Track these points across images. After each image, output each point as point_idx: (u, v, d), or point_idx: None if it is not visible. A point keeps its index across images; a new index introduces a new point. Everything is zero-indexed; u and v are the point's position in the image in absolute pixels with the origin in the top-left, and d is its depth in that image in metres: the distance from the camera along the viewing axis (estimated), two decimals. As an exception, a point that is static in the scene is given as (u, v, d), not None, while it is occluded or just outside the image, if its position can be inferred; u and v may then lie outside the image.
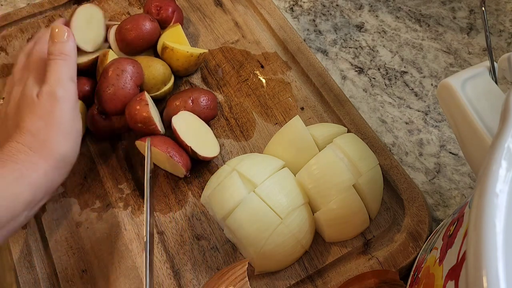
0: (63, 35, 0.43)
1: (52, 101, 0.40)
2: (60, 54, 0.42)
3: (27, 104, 0.40)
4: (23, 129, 0.39)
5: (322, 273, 0.40)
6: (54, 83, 0.40)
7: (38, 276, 0.41)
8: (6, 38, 0.57)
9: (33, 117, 0.39)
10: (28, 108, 0.40)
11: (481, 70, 0.32)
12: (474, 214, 0.18)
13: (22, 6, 0.61)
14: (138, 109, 0.43)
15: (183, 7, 0.58)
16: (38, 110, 0.39)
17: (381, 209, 0.43)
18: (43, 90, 0.40)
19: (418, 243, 0.40)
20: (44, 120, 0.39)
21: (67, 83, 0.41)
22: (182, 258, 0.42)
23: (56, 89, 0.40)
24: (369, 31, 0.58)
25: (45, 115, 0.39)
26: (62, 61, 0.42)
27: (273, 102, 0.50)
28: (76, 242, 0.43)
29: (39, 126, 0.39)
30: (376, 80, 0.54)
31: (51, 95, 0.40)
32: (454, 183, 0.46)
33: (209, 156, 0.45)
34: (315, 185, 0.39)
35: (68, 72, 0.42)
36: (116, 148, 0.48)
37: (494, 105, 0.30)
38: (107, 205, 0.45)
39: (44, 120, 0.39)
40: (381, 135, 0.50)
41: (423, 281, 0.29)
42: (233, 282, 0.34)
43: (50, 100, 0.40)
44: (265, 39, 0.55)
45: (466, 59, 0.55)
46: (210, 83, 0.52)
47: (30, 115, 0.39)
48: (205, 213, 0.44)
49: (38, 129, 0.39)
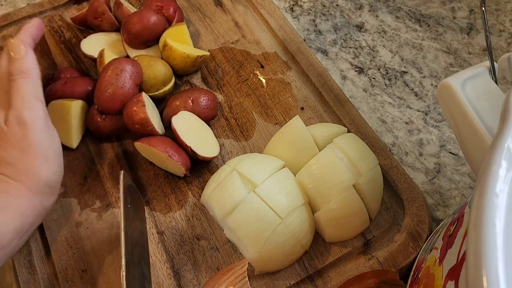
0: (19, 50, 0.40)
1: (21, 127, 0.38)
2: (20, 72, 0.39)
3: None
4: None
5: (322, 273, 0.40)
6: (19, 106, 0.38)
7: (38, 276, 0.41)
8: (6, 38, 0.57)
9: (6, 146, 0.37)
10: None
11: (481, 70, 0.32)
12: (474, 214, 0.18)
13: (22, 6, 0.61)
14: (135, 110, 0.43)
15: (183, 7, 0.58)
16: (9, 138, 0.37)
17: (381, 209, 0.43)
18: (10, 116, 0.38)
19: (418, 243, 0.40)
20: (17, 148, 0.37)
21: (33, 103, 0.39)
22: (182, 258, 0.42)
23: (23, 113, 0.38)
24: (369, 31, 0.58)
25: (18, 143, 0.37)
26: (22, 80, 0.39)
27: (273, 102, 0.50)
28: (76, 242, 0.43)
29: (15, 155, 0.37)
30: (376, 80, 0.54)
31: (19, 120, 0.37)
32: (454, 183, 0.46)
33: (209, 156, 0.45)
34: (315, 185, 0.39)
35: (31, 91, 0.39)
36: (116, 148, 0.48)
37: (494, 105, 0.30)
38: (107, 205, 0.45)
39: (17, 148, 0.37)
40: (381, 135, 0.50)
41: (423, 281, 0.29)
42: (233, 282, 0.34)
43: (20, 126, 0.37)
44: (265, 39, 0.55)
45: (466, 59, 0.55)
46: (210, 83, 0.52)
47: (3, 145, 0.37)
48: (205, 213, 0.44)
49: (14, 158, 0.37)
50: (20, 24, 0.57)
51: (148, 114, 0.43)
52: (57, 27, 0.57)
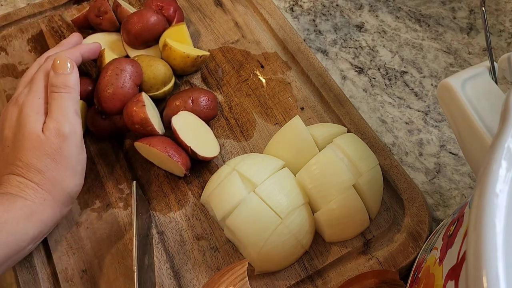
0: (66, 67, 0.42)
1: (60, 139, 0.39)
2: (65, 87, 0.41)
3: (31, 140, 0.38)
4: (29, 165, 0.38)
5: (322, 273, 0.40)
6: (60, 118, 0.39)
7: (38, 276, 0.41)
8: (6, 38, 0.57)
9: (40, 155, 0.38)
10: (32, 144, 0.38)
11: (481, 70, 0.32)
12: (474, 214, 0.18)
13: (22, 6, 0.61)
14: (135, 110, 0.43)
15: (183, 7, 0.58)
16: (45, 147, 0.38)
17: (381, 209, 0.43)
18: (49, 126, 0.39)
19: (418, 243, 0.40)
20: (51, 158, 0.38)
21: (72, 117, 0.40)
22: (182, 258, 0.42)
23: (63, 125, 0.39)
24: (369, 31, 0.58)
25: (53, 153, 0.38)
26: (67, 94, 0.40)
27: (273, 102, 0.50)
28: (76, 242, 0.43)
29: (47, 164, 0.38)
30: (376, 80, 0.54)
31: (58, 132, 0.39)
32: (454, 183, 0.46)
33: (209, 156, 0.45)
34: (315, 185, 0.39)
35: (72, 106, 0.41)
36: (116, 148, 0.48)
37: (494, 105, 0.30)
38: (107, 205, 0.45)
39: (51, 158, 0.38)
40: (381, 135, 0.50)
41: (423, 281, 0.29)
42: (233, 282, 0.34)
43: (58, 137, 0.39)
44: (265, 39, 0.55)
45: (466, 59, 0.55)
46: (210, 83, 0.52)
47: (36, 152, 0.38)
48: (205, 213, 0.44)
49: (46, 167, 0.38)
50: (20, 24, 0.57)
51: (148, 114, 0.43)
52: (57, 27, 0.57)
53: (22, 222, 0.36)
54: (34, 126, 0.39)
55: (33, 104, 0.40)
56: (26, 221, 0.37)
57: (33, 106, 0.40)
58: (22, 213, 0.36)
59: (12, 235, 0.36)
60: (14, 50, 0.56)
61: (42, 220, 0.38)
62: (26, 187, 0.38)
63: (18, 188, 0.38)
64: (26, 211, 0.37)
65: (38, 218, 0.38)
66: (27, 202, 0.37)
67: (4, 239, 0.35)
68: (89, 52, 0.47)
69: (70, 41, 0.49)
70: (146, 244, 0.41)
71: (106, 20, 0.52)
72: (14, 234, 0.36)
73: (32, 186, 0.38)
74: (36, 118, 0.39)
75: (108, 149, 0.48)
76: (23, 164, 0.38)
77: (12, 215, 0.36)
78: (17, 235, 0.36)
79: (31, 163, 0.38)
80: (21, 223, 0.36)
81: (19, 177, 0.38)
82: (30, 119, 0.39)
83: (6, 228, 0.35)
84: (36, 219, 0.38)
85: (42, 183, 0.38)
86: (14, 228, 0.36)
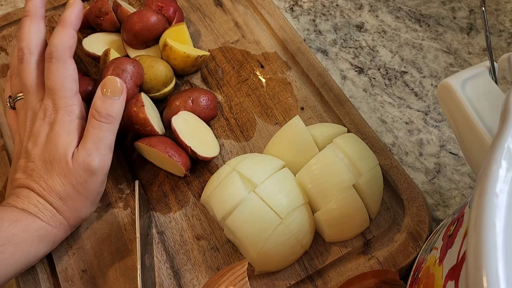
0: (116, 92, 0.39)
1: (86, 173, 0.38)
2: (107, 117, 0.38)
3: (59, 164, 0.38)
4: (52, 189, 0.38)
5: (322, 273, 0.40)
6: (92, 152, 0.38)
7: (38, 276, 0.41)
8: (6, 38, 0.57)
9: (65, 182, 0.38)
10: (60, 169, 0.38)
11: (481, 70, 0.32)
12: (474, 214, 0.18)
13: (22, 6, 0.61)
14: (134, 110, 0.43)
15: (183, 7, 0.58)
16: (71, 177, 0.38)
17: (381, 209, 0.43)
18: (80, 158, 0.38)
19: (418, 243, 0.40)
20: (75, 189, 0.38)
21: (104, 153, 0.39)
22: (182, 258, 0.42)
23: (93, 160, 0.38)
24: (369, 31, 0.58)
25: (77, 185, 0.38)
26: (107, 125, 0.39)
27: (273, 102, 0.50)
28: (76, 242, 0.43)
29: (70, 193, 0.38)
30: (376, 80, 0.54)
31: (87, 167, 0.38)
32: (454, 183, 0.46)
33: (209, 157, 0.45)
34: (315, 185, 0.39)
35: (108, 140, 0.39)
36: (116, 148, 0.48)
37: (494, 105, 0.30)
38: (107, 205, 0.45)
39: (75, 188, 0.38)
40: (381, 135, 0.50)
41: (423, 281, 0.29)
42: (233, 282, 0.34)
43: (85, 171, 0.38)
44: (265, 39, 0.55)
45: (466, 59, 0.55)
46: (210, 83, 0.52)
47: (62, 179, 0.38)
48: (205, 213, 0.44)
49: (68, 195, 0.38)
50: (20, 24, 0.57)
51: (148, 114, 0.43)
52: (57, 27, 0.57)
53: (36, 242, 0.37)
54: (65, 151, 0.38)
55: (64, 124, 0.39)
56: (39, 242, 0.37)
57: (64, 126, 0.39)
58: (37, 234, 0.37)
59: (26, 255, 0.36)
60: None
61: (54, 241, 0.39)
62: (45, 209, 0.38)
63: (36, 208, 0.37)
64: (41, 232, 0.37)
65: (51, 240, 0.38)
66: (43, 224, 0.37)
67: (18, 258, 0.35)
68: (78, 21, 0.43)
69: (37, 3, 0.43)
70: (146, 244, 0.41)
71: (106, 20, 0.52)
72: (27, 254, 0.36)
73: (50, 210, 0.38)
74: (67, 141, 0.38)
75: (108, 149, 0.48)
76: (46, 186, 0.38)
77: (28, 236, 0.36)
78: (29, 256, 0.36)
79: (55, 188, 0.38)
80: (34, 243, 0.37)
81: (40, 197, 0.38)
82: (62, 142, 0.38)
83: (21, 248, 0.36)
84: (49, 240, 0.38)
85: (62, 209, 0.38)
86: (28, 248, 0.36)
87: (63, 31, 0.41)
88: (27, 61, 0.42)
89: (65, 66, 0.40)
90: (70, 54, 0.41)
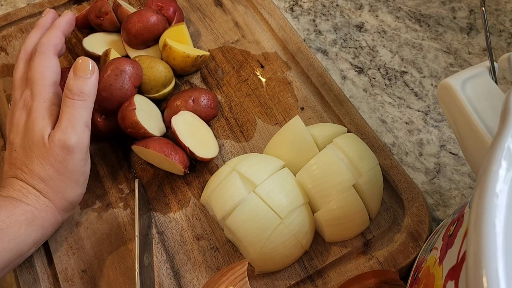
0: (86, 70, 0.39)
1: (64, 151, 0.38)
2: (80, 93, 0.39)
3: (36, 146, 0.38)
4: (32, 172, 0.38)
5: (322, 273, 0.40)
6: (68, 130, 0.38)
7: (38, 276, 0.41)
8: (6, 38, 0.57)
9: (44, 163, 0.38)
10: (38, 152, 0.38)
11: (481, 70, 0.32)
12: (474, 214, 0.18)
13: (22, 6, 0.61)
14: (126, 114, 0.43)
15: (183, 7, 0.58)
16: (49, 157, 0.38)
17: (381, 209, 0.43)
18: (55, 136, 0.38)
19: (418, 243, 0.40)
20: (54, 169, 0.38)
21: (81, 130, 0.39)
22: (182, 258, 0.42)
23: (69, 138, 0.38)
24: (369, 31, 0.58)
25: (56, 164, 0.38)
26: (80, 102, 0.39)
27: (273, 102, 0.50)
28: (76, 242, 0.43)
29: (50, 174, 0.38)
30: (376, 80, 0.54)
31: (64, 144, 0.38)
32: (454, 183, 0.46)
33: (208, 157, 0.45)
34: (315, 185, 0.39)
35: (84, 116, 0.39)
36: (116, 148, 0.48)
37: (494, 105, 0.30)
38: (107, 205, 0.45)
39: (55, 168, 0.38)
40: (381, 135, 0.50)
41: (423, 281, 0.29)
42: (233, 282, 0.34)
43: (62, 149, 0.38)
44: (265, 39, 0.55)
45: (466, 59, 0.55)
46: (210, 83, 0.52)
47: (41, 161, 0.38)
48: (205, 213, 0.44)
49: (48, 176, 0.38)
50: (20, 24, 0.57)
51: (139, 117, 0.43)
52: (57, 27, 0.57)
53: (23, 227, 0.36)
54: (41, 133, 0.38)
55: (40, 109, 0.39)
56: (27, 226, 0.37)
57: (40, 111, 0.39)
58: (24, 218, 0.37)
59: (14, 240, 0.36)
60: (14, 50, 0.56)
61: (43, 226, 0.38)
62: (28, 193, 0.38)
63: (20, 193, 0.38)
64: (28, 216, 0.37)
65: (39, 224, 0.38)
66: (29, 207, 0.37)
67: (6, 244, 0.35)
68: (67, 26, 0.46)
69: (47, 19, 0.47)
70: (146, 243, 0.41)
71: (107, 21, 0.52)
72: (15, 239, 0.36)
73: (34, 193, 0.38)
74: (43, 124, 0.39)
75: (108, 149, 0.48)
76: (27, 170, 0.38)
77: (14, 220, 0.36)
78: (18, 240, 0.36)
79: (35, 171, 0.38)
80: (22, 228, 0.36)
81: (22, 182, 0.38)
82: (38, 126, 0.39)
83: (8, 234, 0.35)
84: (37, 225, 0.38)
85: (45, 191, 0.38)
86: (16, 233, 0.36)
87: (50, 32, 0.44)
88: (20, 59, 0.44)
89: (46, 58, 0.42)
90: (54, 51, 0.43)
